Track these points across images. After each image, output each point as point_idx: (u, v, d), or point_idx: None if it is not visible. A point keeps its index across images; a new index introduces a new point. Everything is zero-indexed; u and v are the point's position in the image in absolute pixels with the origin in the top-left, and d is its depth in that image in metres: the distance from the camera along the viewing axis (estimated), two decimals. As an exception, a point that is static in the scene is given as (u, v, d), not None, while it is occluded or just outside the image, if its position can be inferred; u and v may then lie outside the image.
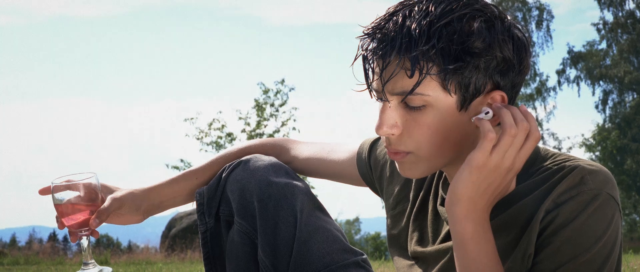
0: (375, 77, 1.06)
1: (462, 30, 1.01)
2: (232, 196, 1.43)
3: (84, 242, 1.40)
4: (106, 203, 1.43)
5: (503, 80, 1.05)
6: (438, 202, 1.23)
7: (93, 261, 1.42)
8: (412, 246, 1.26)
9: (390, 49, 1.01)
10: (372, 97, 1.10)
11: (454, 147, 1.08)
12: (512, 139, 1.00)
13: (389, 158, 1.37)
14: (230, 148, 1.57)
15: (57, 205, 1.40)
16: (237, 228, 1.42)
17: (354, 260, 1.38)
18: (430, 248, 1.22)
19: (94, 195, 1.41)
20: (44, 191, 1.45)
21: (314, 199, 1.43)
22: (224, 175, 1.47)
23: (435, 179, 1.27)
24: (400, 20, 1.02)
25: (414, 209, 1.28)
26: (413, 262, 1.27)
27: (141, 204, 1.49)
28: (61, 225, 1.41)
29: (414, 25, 1.00)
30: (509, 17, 1.08)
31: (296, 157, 1.55)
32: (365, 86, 1.09)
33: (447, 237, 1.19)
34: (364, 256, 1.41)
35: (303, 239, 1.35)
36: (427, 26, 1.00)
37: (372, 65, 1.06)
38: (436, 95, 1.03)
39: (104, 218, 1.41)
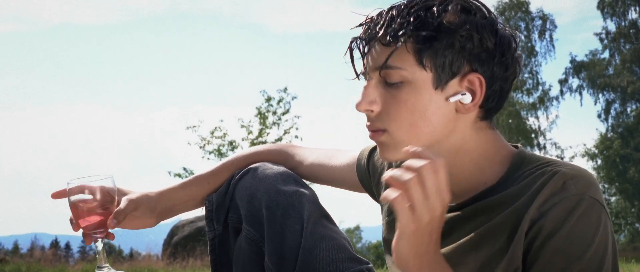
0: (363, 62, 1.12)
1: (439, 9, 1.06)
2: (240, 203, 1.44)
3: (99, 245, 1.38)
4: (122, 204, 1.42)
5: (482, 67, 1.07)
6: None
7: (108, 264, 1.39)
8: None
9: (374, 32, 1.08)
10: (359, 80, 1.14)
11: (430, 130, 1.08)
12: (415, 194, 0.94)
13: (386, 164, 1.39)
14: (239, 153, 1.57)
15: (73, 207, 1.37)
16: (244, 235, 1.42)
17: (358, 268, 1.39)
18: None
19: (110, 197, 1.39)
20: (57, 194, 1.42)
21: (320, 208, 1.44)
22: (232, 182, 1.48)
23: None
24: (385, 10, 1.09)
25: None
26: None
27: (155, 206, 1.48)
28: (76, 227, 1.37)
29: (395, 12, 1.07)
30: (498, 18, 1.11)
31: (301, 162, 1.56)
32: (354, 74, 1.14)
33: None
34: (369, 265, 1.41)
35: (308, 248, 1.36)
36: (407, 8, 1.07)
37: (359, 48, 1.11)
38: (412, 70, 1.06)
39: (121, 218, 1.40)
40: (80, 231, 1.40)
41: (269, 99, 14.63)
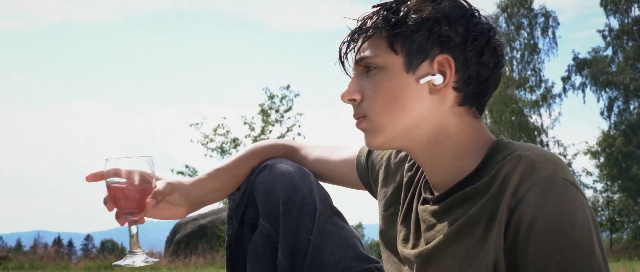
0: (348, 59, 1.20)
1: (407, 1, 1.14)
2: (258, 198, 1.46)
3: (133, 229, 1.33)
4: (160, 186, 1.41)
5: (451, 50, 1.11)
6: (419, 202, 1.23)
7: (140, 249, 1.34)
8: (399, 246, 1.26)
9: (356, 29, 1.17)
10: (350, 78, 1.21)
11: (405, 112, 1.13)
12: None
13: (385, 161, 1.41)
14: (254, 145, 1.59)
15: (110, 186, 1.32)
16: (260, 230, 1.45)
17: (366, 267, 1.40)
18: (410, 249, 1.23)
19: (148, 178, 1.34)
20: (93, 177, 1.36)
21: (332, 206, 1.47)
22: (250, 178, 1.50)
23: (421, 179, 1.28)
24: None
25: (403, 210, 1.28)
26: (400, 262, 1.28)
27: (189, 194, 1.48)
28: (111, 207, 1.33)
29: (374, 8, 1.17)
30: (476, 10, 1.15)
31: (306, 158, 1.58)
32: (345, 73, 1.21)
33: (420, 237, 1.20)
34: (378, 264, 1.42)
35: (317, 245, 1.38)
36: (383, 5, 1.16)
37: (345, 50, 1.19)
38: (385, 56, 1.13)
39: (160, 199, 1.38)
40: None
41: (271, 97, 14.63)
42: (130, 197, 1.31)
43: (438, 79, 1.11)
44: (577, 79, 25.40)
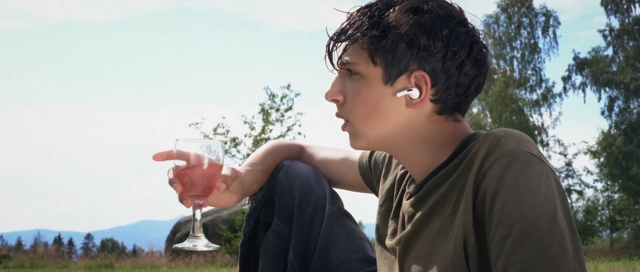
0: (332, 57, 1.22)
1: (389, 11, 1.15)
2: (275, 197, 1.49)
3: (198, 213, 1.30)
4: (226, 171, 1.40)
5: (429, 64, 1.13)
6: (404, 198, 1.25)
7: (202, 234, 1.31)
8: (387, 240, 1.29)
9: (339, 31, 1.19)
10: (333, 74, 1.24)
11: (382, 122, 1.16)
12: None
13: (387, 158, 1.43)
14: (274, 142, 1.60)
15: (178, 168, 1.29)
16: (274, 228, 1.48)
17: (372, 269, 1.42)
18: (391, 241, 1.26)
19: (216, 162, 1.30)
20: (161, 156, 1.32)
21: (341, 208, 1.50)
22: (270, 178, 1.53)
23: (408, 175, 1.30)
24: (355, 11, 1.19)
25: (394, 206, 1.31)
26: (389, 254, 1.30)
27: (244, 182, 1.47)
28: (179, 188, 1.30)
29: (357, 13, 1.18)
30: (464, 18, 1.16)
31: (311, 157, 1.60)
32: (328, 69, 1.23)
33: (404, 229, 1.22)
34: None
35: (323, 246, 1.42)
36: (368, 8, 1.17)
37: (328, 49, 1.21)
38: (365, 66, 1.15)
39: (229, 183, 1.39)
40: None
41: (272, 96, 14.62)
42: (199, 181, 1.28)
43: (415, 93, 1.13)
44: (578, 79, 25.42)
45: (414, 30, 1.12)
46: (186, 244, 1.30)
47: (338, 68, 1.21)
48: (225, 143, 15.03)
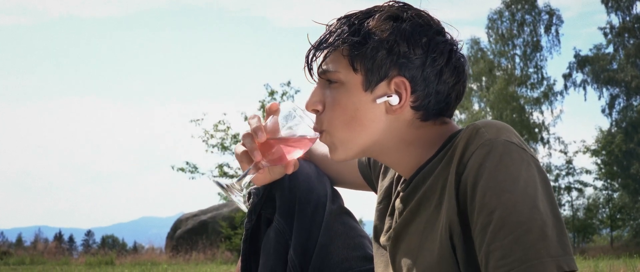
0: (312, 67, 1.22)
1: (369, 19, 1.16)
2: (277, 194, 1.49)
3: (250, 177, 1.29)
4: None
5: (409, 71, 1.14)
6: (396, 196, 1.26)
7: (242, 192, 1.30)
8: (381, 238, 1.30)
9: (320, 40, 1.19)
10: (313, 83, 1.24)
11: (362, 129, 1.16)
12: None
13: None
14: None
15: (273, 134, 1.27)
16: (275, 225, 1.48)
17: (370, 267, 1.43)
18: (384, 238, 1.27)
19: (304, 136, 1.27)
20: (273, 106, 1.32)
21: (342, 206, 1.50)
22: None
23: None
24: (336, 20, 1.20)
25: (391, 203, 1.31)
26: (384, 251, 1.31)
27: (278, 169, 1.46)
28: (262, 137, 1.26)
29: (338, 22, 1.19)
30: (442, 26, 1.17)
31: (314, 156, 1.60)
32: (308, 79, 1.23)
33: (389, 229, 1.24)
34: None
35: (323, 243, 1.42)
36: (348, 17, 1.18)
37: (308, 60, 1.21)
38: (345, 73, 1.15)
39: (296, 164, 1.34)
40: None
41: (272, 93, 14.63)
42: (283, 147, 1.28)
43: (394, 99, 1.14)
44: (579, 76, 25.40)
45: (394, 36, 1.13)
46: (227, 184, 1.27)
47: (317, 78, 1.21)
48: (226, 140, 15.02)
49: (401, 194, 1.21)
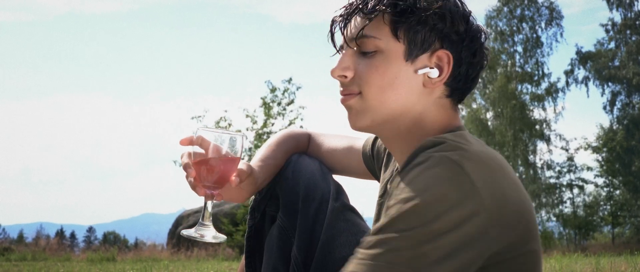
0: (343, 34, 1.19)
1: None
2: (280, 192, 1.50)
3: (210, 205, 1.31)
4: (242, 166, 1.40)
5: (451, 46, 1.15)
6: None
7: (211, 225, 1.32)
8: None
9: (355, 5, 1.16)
10: (339, 54, 1.21)
11: (396, 97, 1.15)
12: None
13: (383, 148, 1.45)
14: (284, 133, 1.60)
15: (196, 154, 1.29)
16: (278, 223, 1.49)
17: None
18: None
19: (234, 156, 1.30)
20: (186, 141, 1.33)
21: (345, 203, 1.50)
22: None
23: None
24: None
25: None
26: None
27: (257, 179, 1.48)
28: (192, 173, 1.31)
29: None
30: (470, 13, 1.18)
31: (319, 147, 1.61)
32: (334, 49, 1.21)
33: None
34: None
35: (326, 240, 1.42)
36: None
37: (340, 25, 1.19)
38: (387, 40, 1.14)
39: (243, 178, 1.38)
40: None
41: (273, 90, 14.62)
42: (215, 171, 1.29)
43: (434, 72, 1.14)
44: (580, 73, 25.35)
45: (442, 11, 1.13)
46: (193, 233, 1.30)
47: (349, 45, 1.18)
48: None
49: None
